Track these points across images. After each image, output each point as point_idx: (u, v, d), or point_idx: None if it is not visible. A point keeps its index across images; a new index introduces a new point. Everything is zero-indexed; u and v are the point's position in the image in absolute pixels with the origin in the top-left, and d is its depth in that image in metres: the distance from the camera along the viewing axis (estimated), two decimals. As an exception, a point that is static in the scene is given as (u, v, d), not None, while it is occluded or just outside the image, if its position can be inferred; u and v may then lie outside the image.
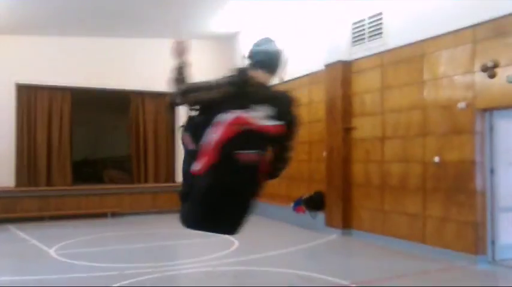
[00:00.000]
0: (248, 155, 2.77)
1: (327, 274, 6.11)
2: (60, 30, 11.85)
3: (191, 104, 2.89)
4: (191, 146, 2.88)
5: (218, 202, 2.87)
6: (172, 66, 2.89)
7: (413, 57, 7.71)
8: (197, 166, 2.77)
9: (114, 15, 11.25)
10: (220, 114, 2.71)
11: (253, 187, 2.98)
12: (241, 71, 2.90)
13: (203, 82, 2.84)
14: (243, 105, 2.75)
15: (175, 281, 6.10)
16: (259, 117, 2.78)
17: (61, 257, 7.25)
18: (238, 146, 2.72)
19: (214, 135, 2.71)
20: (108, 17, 11.35)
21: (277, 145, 3.01)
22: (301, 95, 10.89)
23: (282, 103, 2.93)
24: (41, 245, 8.19)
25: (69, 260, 7.01)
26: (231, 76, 2.86)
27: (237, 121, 2.71)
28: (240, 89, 2.79)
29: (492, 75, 6.42)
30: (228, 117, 2.70)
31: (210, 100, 2.78)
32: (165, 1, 10.40)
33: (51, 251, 7.63)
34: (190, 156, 2.87)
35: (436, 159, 7.25)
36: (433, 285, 5.78)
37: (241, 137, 2.72)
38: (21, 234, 9.37)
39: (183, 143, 2.97)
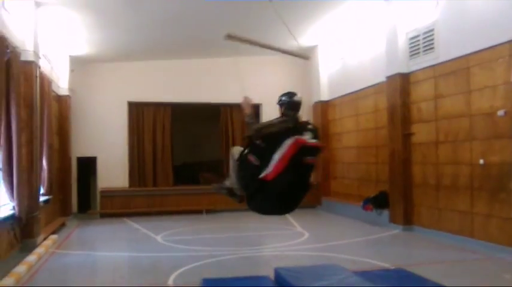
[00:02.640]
0: (311, 159, 4.38)
1: (373, 258, 7.33)
2: (160, 55, 14.15)
3: (261, 137, 4.51)
4: (256, 163, 4.45)
5: (290, 193, 4.43)
6: (246, 114, 4.55)
7: (460, 69, 8.58)
8: (268, 175, 4.29)
9: (207, 40, 13.18)
10: (284, 141, 4.32)
11: (309, 180, 4.53)
12: (291, 114, 4.58)
13: (268, 122, 4.54)
14: (297, 134, 4.38)
15: (248, 260, 7.69)
16: (308, 138, 4.38)
17: (165, 242, 9.25)
18: (303, 155, 4.32)
19: (282, 153, 4.28)
20: (201, 42, 13.33)
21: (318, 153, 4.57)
22: (369, 104, 12.06)
23: (315, 130, 4.55)
24: (150, 233, 10.31)
25: (172, 244, 8.98)
26: (285, 117, 4.55)
27: (298, 141, 4.32)
28: (293, 125, 4.46)
29: (525, 86, 7.18)
30: (290, 141, 4.31)
31: (275, 133, 4.41)
32: (247, 25, 12.06)
33: (158, 238, 9.68)
34: (253, 169, 4.45)
35: (481, 161, 8.07)
36: (460, 272, 6.73)
37: (303, 149, 4.33)
38: (135, 225, 11.64)
39: (249, 161, 4.54)
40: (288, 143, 4.31)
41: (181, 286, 6.05)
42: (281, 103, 4.68)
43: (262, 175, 4.34)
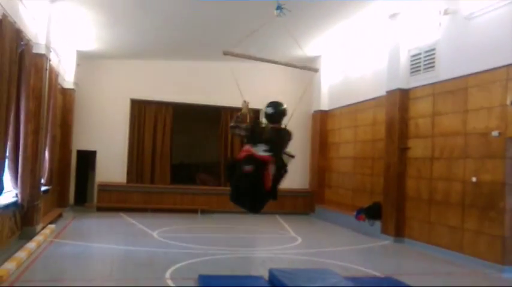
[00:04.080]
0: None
1: (364, 266, 7.56)
2: (165, 55, 14.38)
3: None
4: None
5: None
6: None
7: (458, 89, 8.86)
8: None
9: (210, 44, 13.43)
10: None
11: None
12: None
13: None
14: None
15: (243, 261, 7.92)
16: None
17: (161, 238, 9.45)
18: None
19: None
20: (205, 45, 13.57)
21: None
22: (367, 116, 12.33)
23: None
24: (146, 229, 10.50)
25: (167, 241, 9.17)
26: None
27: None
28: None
29: (520, 109, 7.46)
30: None
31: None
32: (249, 31, 12.30)
33: (154, 234, 9.88)
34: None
35: (474, 179, 8.33)
36: (447, 284, 6.97)
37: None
38: (131, 220, 11.82)
39: None
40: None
41: (178, 280, 6.23)
42: None
43: None
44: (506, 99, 7.76)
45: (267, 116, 5.43)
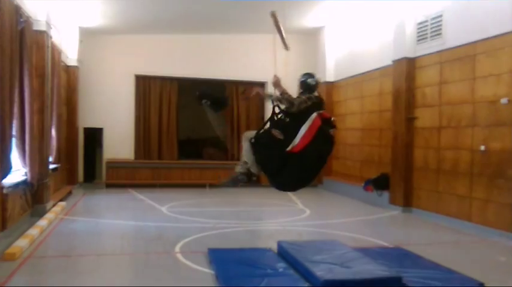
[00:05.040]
0: (332, 131, 5.13)
1: (372, 237, 7.60)
2: (169, 30, 14.20)
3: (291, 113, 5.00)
4: (280, 137, 4.76)
5: (315, 164, 5.04)
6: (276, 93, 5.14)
7: (465, 56, 8.69)
8: (295, 148, 4.79)
9: (214, 17, 13.24)
10: (308, 116, 4.87)
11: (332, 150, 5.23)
12: (313, 94, 5.13)
13: (296, 100, 4.99)
14: (318, 109, 4.99)
15: (251, 234, 7.99)
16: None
17: (170, 213, 9.54)
18: (328, 127, 5.02)
19: (308, 126, 4.84)
20: (208, 18, 13.38)
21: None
22: (374, 87, 12.19)
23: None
24: (155, 204, 10.60)
25: (176, 215, 9.26)
26: (310, 97, 5.07)
27: (322, 115, 4.99)
28: (315, 103, 5.02)
29: (530, 76, 7.31)
30: (314, 115, 4.91)
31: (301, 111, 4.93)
32: (254, 3, 12.08)
33: (163, 209, 9.97)
34: (279, 144, 4.84)
35: (482, 147, 8.25)
36: (456, 252, 7.00)
37: (326, 122, 5.02)
38: (140, 196, 11.92)
39: (273, 135, 4.82)
40: (312, 117, 4.86)
41: (188, 254, 6.30)
42: (300, 82, 5.29)
43: (289, 147, 4.79)
44: (515, 65, 7.62)
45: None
